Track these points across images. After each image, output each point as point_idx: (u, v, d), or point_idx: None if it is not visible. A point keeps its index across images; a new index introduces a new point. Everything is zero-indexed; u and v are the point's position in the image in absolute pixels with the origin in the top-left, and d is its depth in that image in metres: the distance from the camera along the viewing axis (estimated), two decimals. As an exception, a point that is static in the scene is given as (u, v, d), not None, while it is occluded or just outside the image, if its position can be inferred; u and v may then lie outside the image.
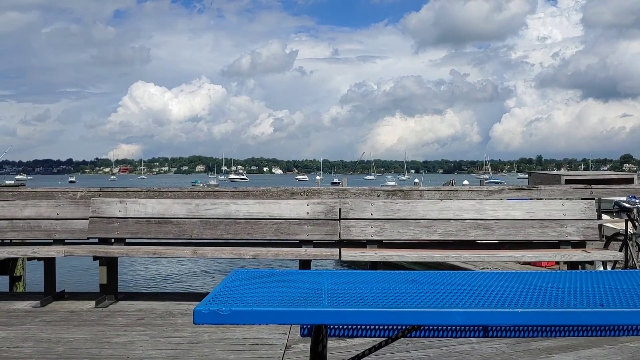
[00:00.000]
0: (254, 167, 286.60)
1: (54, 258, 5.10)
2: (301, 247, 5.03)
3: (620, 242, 5.54)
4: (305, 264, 4.89)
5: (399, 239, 5.03)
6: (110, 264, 5.08)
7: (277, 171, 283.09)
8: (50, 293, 5.09)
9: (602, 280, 2.18)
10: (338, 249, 4.81)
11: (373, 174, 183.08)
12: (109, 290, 5.04)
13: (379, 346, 2.01)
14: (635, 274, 2.32)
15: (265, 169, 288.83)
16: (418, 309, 1.68)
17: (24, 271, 7.38)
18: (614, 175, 13.94)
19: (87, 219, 5.25)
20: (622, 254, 5.21)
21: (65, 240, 5.27)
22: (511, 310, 1.67)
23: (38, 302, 4.86)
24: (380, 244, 5.00)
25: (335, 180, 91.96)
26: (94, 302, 4.87)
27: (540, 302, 1.78)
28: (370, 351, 2.02)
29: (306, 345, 3.58)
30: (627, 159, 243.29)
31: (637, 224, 5.34)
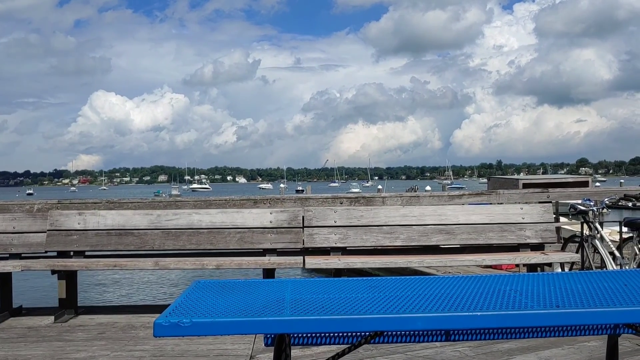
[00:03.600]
0: (217, 176, 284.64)
1: (10, 273, 4.96)
2: (265, 256, 5.01)
3: (577, 244, 5.68)
4: (269, 273, 4.87)
5: (362, 246, 5.05)
6: (69, 277, 4.96)
7: (241, 180, 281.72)
8: (6, 309, 4.95)
9: (559, 282, 2.24)
10: (302, 257, 4.81)
11: (337, 181, 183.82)
12: (69, 305, 4.92)
13: (343, 353, 2.01)
14: (591, 275, 2.39)
15: (229, 177, 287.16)
16: (380, 315, 1.70)
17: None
18: (570, 178, 14.31)
19: (45, 232, 5.13)
20: (579, 255, 5.34)
21: (22, 254, 5.13)
22: (471, 314, 1.70)
23: (-6, 318, 4.72)
24: (344, 251, 5.02)
25: (300, 188, 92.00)
26: (52, 317, 4.76)
27: (499, 305, 1.81)
28: (334, 358, 2.02)
29: (270, 355, 3.56)
30: (583, 162, 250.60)
31: (592, 225, 5.49)
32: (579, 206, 5.52)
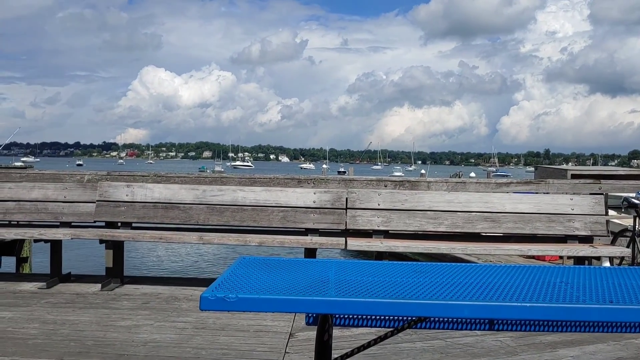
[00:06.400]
0: (260, 155, 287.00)
1: (60, 240, 5.12)
2: (307, 235, 5.03)
3: (628, 239, 5.51)
4: (310, 253, 4.89)
5: (405, 230, 5.02)
6: (116, 247, 5.10)
7: (284, 159, 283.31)
8: (56, 275, 5.12)
9: (611, 276, 2.17)
10: (344, 238, 4.80)
11: (380, 163, 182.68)
12: (115, 274, 5.06)
13: (385, 337, 2.00)
14: (644, 271, 2.30)
15: (271, 156, 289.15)
16: (426, 301, 1.67)
17: (31, 253, 7.42)
18: (622, 171, 13.83)
19: (94, 202, 5.26)
20: (630, 250, 5.18)
21: (72, 223, 5.29)
22: (520, 304, 1.66)
23: (44, 283, 4.89)
24: (387, 234, 5.00)
25: (342, 169, 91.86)
26: (99, 285, 4.90)
27: (549, 297, 1.76)
28: (376, 341, 2.01)
29: (310, 334, 3.58)
30: (635, 154, 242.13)
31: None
32: (632, 200, 5.34)
